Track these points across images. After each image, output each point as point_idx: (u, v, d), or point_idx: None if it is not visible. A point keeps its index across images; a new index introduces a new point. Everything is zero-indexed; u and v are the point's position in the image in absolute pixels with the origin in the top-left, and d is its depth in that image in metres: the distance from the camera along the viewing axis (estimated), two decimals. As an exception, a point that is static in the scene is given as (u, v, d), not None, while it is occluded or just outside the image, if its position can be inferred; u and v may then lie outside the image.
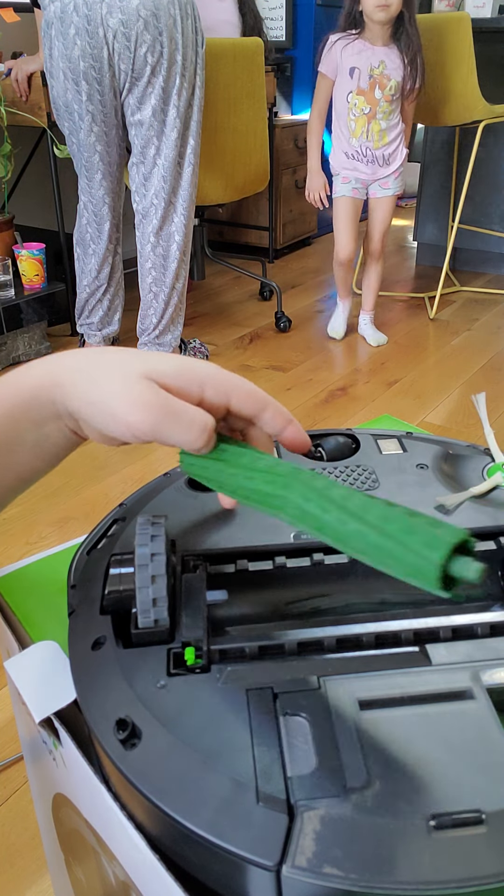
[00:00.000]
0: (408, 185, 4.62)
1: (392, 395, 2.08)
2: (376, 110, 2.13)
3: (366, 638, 0.38)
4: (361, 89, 2.12)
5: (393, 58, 2.09)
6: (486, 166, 2.89)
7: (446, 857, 0.27)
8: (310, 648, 0.38)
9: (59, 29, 1.75)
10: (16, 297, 2.21)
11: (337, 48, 2.10)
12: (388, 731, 0.32)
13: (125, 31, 1.72)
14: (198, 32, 1.84)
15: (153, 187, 1.92)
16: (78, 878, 0.52)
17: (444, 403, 2.02)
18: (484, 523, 0.46)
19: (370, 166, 2.22)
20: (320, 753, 0.31)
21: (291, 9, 3.27)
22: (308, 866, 0.27)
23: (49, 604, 0.49)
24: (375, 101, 2.12)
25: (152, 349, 2.11)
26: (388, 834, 0.28)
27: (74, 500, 1.57)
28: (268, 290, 2.86)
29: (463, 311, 2.72)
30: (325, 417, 1.96)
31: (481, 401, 0.56)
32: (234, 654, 0.37)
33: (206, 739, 0.32)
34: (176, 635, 0.37)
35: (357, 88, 2.11)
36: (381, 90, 2.10)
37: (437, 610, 0.44)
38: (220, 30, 2.24)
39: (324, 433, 0.56)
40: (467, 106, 2.37)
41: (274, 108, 3.00)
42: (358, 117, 2.16)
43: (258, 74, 2.19)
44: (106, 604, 0.40)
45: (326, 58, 2.14)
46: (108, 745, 0.33)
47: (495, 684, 0.34)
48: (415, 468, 0.52)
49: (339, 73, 2.13)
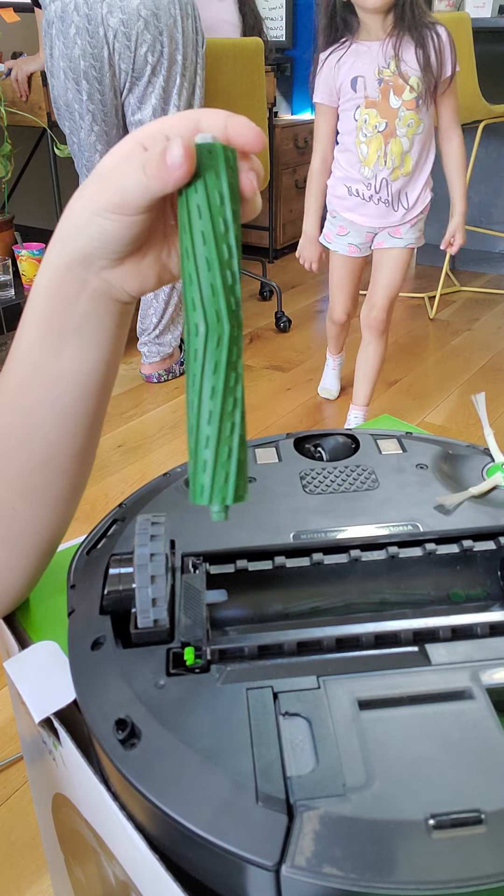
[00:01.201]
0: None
1: (392, 395, 2.08)
2: (395, 125, 1.53)
3: (365, 638, 0.38)
4: (371, 100, 1.53)
5: (406, 49, 1.48)
6: (486, 166, 2.89)
7: (446, 856, 0.27)
8: (309, 648, 0.38)
9: (59, 28, 1.75)
10: (16, 297, 2.21)
11: (329, 64, 1.54)
12: (387, 731, 0.32)
13: (125, 31, 1.72)
14: (198, 32, 1.84)
15: (153, 187, 1.92)
16: (78, 878, 0.52)
17: (444, 403, 2.02)
18: (484, 523, 0.46)
19: (380, 207, 1.63)
20: (320, 753, 0.31)
21: (291, 9, 3.27)
22: (307, 866, 0.27)
23: (49, 604, 0.49)
24: (392, 113, 1.52)
25: (152, 349, 2.11)
26: (388, 834, 0.28)
27: (74, 500, 1.57)
28: (268, 289, 2.86)
29: (463, 311, 2.72)
30: (324, 417, 1.96)
31: (481, 401, 0.56)
32: (234, 653, 0.37)
33: (206, 739, 0.32)
34: (175, 635, 0.37)
35: (365, 100, 1.53)
36: (398, 95, 1.51)
37: (437, 610, 0.44)
38: (221, 30, 2.23)
39: (324, 433, 0.56)
40: (467, 106, 2.37)
41: (274, 107, 3.00)
42: (370, 137, 1.55)
43: (258, 74, 2.19)
44: (105, 604, 0.40)
45: (319, 81, 1.57)
46: (107, 744, 0.33)
47: (495, 684, 0.34)
48: (414, 468, 0.52)
49: (340, 94, 1.56)
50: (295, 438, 0.55)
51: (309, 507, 0.47)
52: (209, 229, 0.33)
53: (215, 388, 0.33)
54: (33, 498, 0.43)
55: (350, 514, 0.47)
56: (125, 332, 0.43)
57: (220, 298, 0.33)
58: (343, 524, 0.46)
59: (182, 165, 0.32)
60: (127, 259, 0.38)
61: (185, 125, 0.35)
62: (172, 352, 2.13)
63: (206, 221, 0.33)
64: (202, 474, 0.33)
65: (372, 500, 0.48)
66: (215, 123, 0.35)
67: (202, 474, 0.33)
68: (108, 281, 0.39)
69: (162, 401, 2.05)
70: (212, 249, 0.33)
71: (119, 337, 0.42)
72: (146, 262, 0.39)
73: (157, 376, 2.13)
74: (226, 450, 0.33)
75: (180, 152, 0.32)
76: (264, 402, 2.03)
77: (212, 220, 0.33)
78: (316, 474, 0.51)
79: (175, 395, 2.08)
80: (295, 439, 0.55)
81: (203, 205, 0.33)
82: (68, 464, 0.43)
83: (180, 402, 2.03)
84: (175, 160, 0.32)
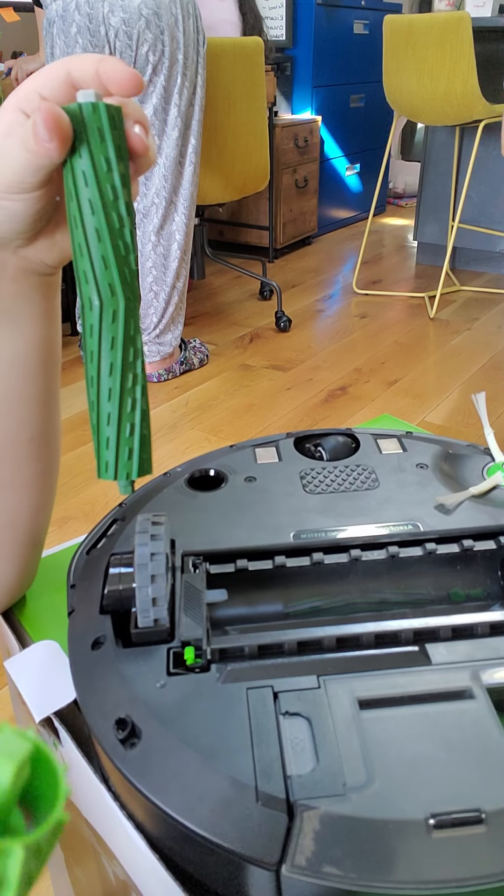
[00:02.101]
0: (408, 185, 4.65)
1: (392, 395, 2.08)
2: None
3: (365, 637, 0.38)
4: None
5: None
6: (486, 166, 2.89)
7: (446, 856, 0.27)
8: (310, 648, 0.38)
9: (60, 27, 1.75)
10: None
11: None
12: (387, 730, 0.32)
13: (127, 30, 1.72)
14: (199, 32, 1.84)
15: (154, 186, 1.92)
16: (78, 877, 0.52)
17: (444, 403, 2.02)
18: (484, 523, 0.46)
19: None
20: (320, 753, 0.31)
21: (291, 8, 3.26)
22: (308, 866, 0.27)
23: (49, 603, 0.49)
24: None
25: (152, 349, 2.11)
26: (388, 833, 0.28)
27: (74, 500, 1.57)
28: (268, 289, 2.86)
29: (463, 310, 2.71)
30: (325, 417, 1.96)
31: (481, 400, 0.56)
32: (234, 653, 0.37)
33: (206, 739, 0.32)
34: (176, 635, 0.37)
35: None
36: None
37: (437, 609, 0.44)
38: (221, 29, 2.23)
39: (324, 433, 0.56)
40: (467, 105, 2.37)
41: (274, 107, 3.00)
42: None
43: (258, 74, 2.19)
44: (105, 603, 0.40)
45: None
46: (107, 744, 0.33)
47: (495, 684, 0.34)
48: (415, 468, 0.52)
49: None
50: (295, 438, 0.55)
51: (309, 507, 0.47)
52: (97, 197, 0.31)
53: (114, 365, 0.32)
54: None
55: (350, 514, 0.47)
56: (57, 303, 0.42)
57: (112, 271, 0.32)
58: (343, 524, 0.46)
59: (52, 139, 0.30)
60: (41, 233, 0.38)
61: (56, 78, 0.32)
62: (172, 351, 2.13)
63: (92, 189, 0.31)
64: (106, 451, 0.33)
65: (372, 500, 0.48)
66: (86, 70, 0.32)
67: (106, 451, 0.33)
68: (27, 258, 0.38)
69: (162, 400, 2.05)
70: (101, 219, 0.31)
71: (51, 310, 0.42)
72: (61, 232, 0.38)
73: (157, 376, 2.14)
74: (128, 426, 0.33)
75: (42, 126, 0.29)
76: (264, 402, 2.03)
77: (99, 187, 0.31)
78: (316, 474, 0.51)
79: (175, 394, 2.08)
80: (295, 439, 0.55)
81: (88, 171, 0.31)
82: (26, 449, 0.43)
83: (180, 401, 2.03)
84: (42, 134, 0.30)
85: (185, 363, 2.18)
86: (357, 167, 3.90)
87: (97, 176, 0.31)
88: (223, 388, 2.11)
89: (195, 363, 2.22)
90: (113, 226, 0.32)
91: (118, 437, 0.33)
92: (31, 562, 0.47)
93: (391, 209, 4.47)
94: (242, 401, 2.03)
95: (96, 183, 0.31)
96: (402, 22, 2.41)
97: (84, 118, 0.31)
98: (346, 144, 3.76)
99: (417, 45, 2.36)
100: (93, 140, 0.31)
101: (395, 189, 4.69)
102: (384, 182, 4.32)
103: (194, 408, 2.00)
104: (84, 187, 0.31)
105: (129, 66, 0.32)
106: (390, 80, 2.55)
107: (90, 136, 0.31)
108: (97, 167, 0.31)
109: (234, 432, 1.86)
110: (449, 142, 2.97)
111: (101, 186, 0.31)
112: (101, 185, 0.31)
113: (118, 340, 0.32)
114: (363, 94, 3.77)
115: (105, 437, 0.33)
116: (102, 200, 0.31)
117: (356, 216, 4.02)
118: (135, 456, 0.33)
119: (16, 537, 0.45)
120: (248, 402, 2.03)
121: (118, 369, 0.32)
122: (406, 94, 2.50)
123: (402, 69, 2.46)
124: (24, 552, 0.46)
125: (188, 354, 2.20)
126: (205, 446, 1.80)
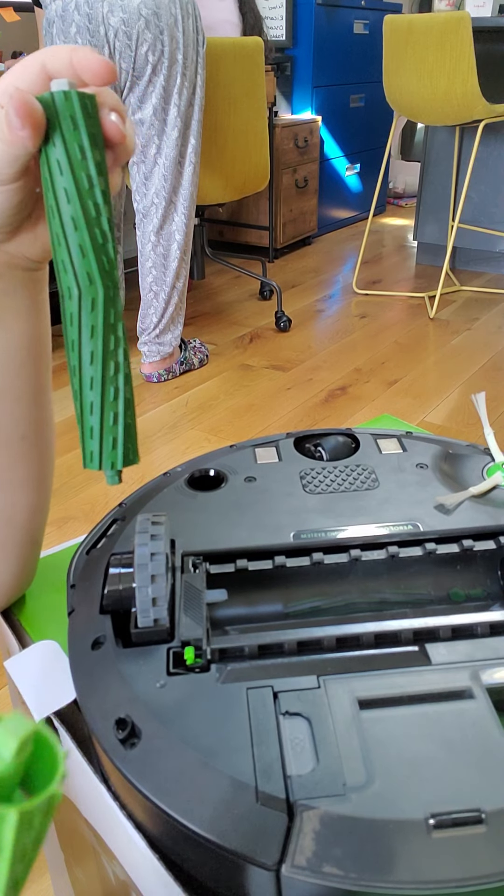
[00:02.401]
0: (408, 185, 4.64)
1: (392, 395, 2.08)
2: None
3: (365, 637, 0.38)
4: None
5: None
6: (486, 166, 2.89)
7: (446, 856, 0.27)
8: (310, 648, 0.38)
9: (60, 27, 1.75)
10: None
11: None
12: (387, 730, 0.32)
13: (126, 30, 1.72)
14: (199, 32, 1.84)
15: (154, 186, 1.92)
16: (78, 877, 0.52)
17: (444, 403, 2.02)
18: (484, 523, 0.46)
19: None
20: (320, 753, 0.31)
21: (291, 8, 3.26)
22: (308, 866, 0.27)
23: (49, 603, 0.49)
24: None
25: (152, 349, 2.11)
26: (388, 833, 0.28)
27: (74, 500, 1.57)
28: (268, 289, 2.86)
29: (463, 310, 2.71)
30: (325, 417, 1.96)
31: (481, 400, 0.56)
32: (234, 653, 0.37)
33: (206, 739, 0.32)
34: (175, 635, 0.37)
35: None
36: None
37: (437, 609, 0.44)
38: (221, 29, 2.23)
39: (324, 433, 0.56)
40: (467, 105, 2.37)
41: (274, 107, 3.00)
42: None
43: (258, 74, 2.19)
44: (105, 603, 0.40)
45: None
46: (107, 744, 0.33)
47: (495, 684, 0.34)
48: (414, 468, 0.52)
49: None
50: (295, 438, 0.55)
51: (309, 507, 0.47)
52: (72, 186, 0.31)
53: (94, 354, 0.32)
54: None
55: (350, 514, 0.47)
56: (44, 297, 0.42)
57: (90, 259, 0.32)
58: (343, 524, 0.46)
59: (24, 126, 0.30)
60: (22, 227, 0.37)
61: (31, 70, 0.33)
62: (172, 351, 2.13)
63: (67, 177, 0.31)
64: (90, 441, 0.33)
65: (372, 500, 0.48)
66: (60, 61, 0.32)
67: (90, 441, 0.33)
68: (8, 253, 0.38)
69: (162, 400, 2.05)
70: (77, 207, 0.31)
71: (38, 304, 0.41)
72: (42, 225, 0.38)
73: (157, 376, 2.14)
74: (111, 415, 0.33)
75: (14, 114, 0.30)
76: (264, 402, 2.03)
77: (73, 175, 0.31)
78: (316, 474, 0.51)
79: (175, 394, 2.08)
80: (295, 439, 0.55)
81: (63, 159, 0.31)
82: (19, 446, 0.43)
83: (181, 401, 2.03)
84: (14, 122, 0.30)
85: (185, 363, 2.18)
86: (357, 167, 3.90)
87: (71, 164, 0.31)
88: (223, 388, 2.11)
89: (195, 363, 2.22)
90: (89, 214, 0.32)
91: (101, 426, 0.33)
92: (29, 561, 0.47)
93: (391, 209, 4.47)
94: (242, 401, 2.03)
95: (71, 171, 0.31)
96: (402, 22, 2.41)
97: (56, 106, 0.31)
98: (346, 144, 3.76)
99: (417, 45, 2.36)
100: (66, 128, 0.31)
101: (395, 189, 4.69)
102: (384, 182, 4.31)
103: (194, 408, 2.00)
104: (59, 176, 0.31)
105: (102, 56, 0.32)
106: (390, 80, 2.55)
107: (63, 123, 0.31)
108: (71, 155, 0.31)
109: (233, 432, 1.86)
110: (449, 142, 2.97)
111: (75, 174, 0.31)
112: (75, 172, 0.31)
113: (98, 329, 0.32)
114: (363, 94, 3.77)
115: (89, 426, 0.33)
116: (78, 188, 0.31)
117: (356, 216, 4.02)
118: (119, 445, 0.33)
119: (13, 536, 0.45)
120: (248, 402, 2.03)
121: (98, 358, 0.32)
122: (406, 93, 2.50)
123: (402, 69, 2.46)
124: (22, 551, 0.46)
125: (188, 354, 2.20)
126: (205, 446, 1.80)
